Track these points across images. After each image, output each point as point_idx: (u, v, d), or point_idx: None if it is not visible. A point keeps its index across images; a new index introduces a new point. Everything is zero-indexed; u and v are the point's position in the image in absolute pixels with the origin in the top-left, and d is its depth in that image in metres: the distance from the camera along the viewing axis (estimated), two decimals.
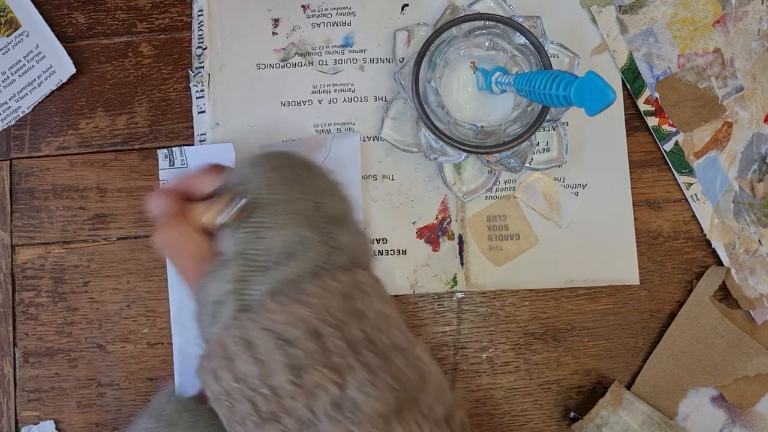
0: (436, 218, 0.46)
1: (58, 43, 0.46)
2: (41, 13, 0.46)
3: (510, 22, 0.41)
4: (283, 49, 0.47)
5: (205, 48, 0.47)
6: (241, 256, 0.32)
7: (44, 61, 0.46)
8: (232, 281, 0.31)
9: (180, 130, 0.47)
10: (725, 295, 0.46)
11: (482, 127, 0.41)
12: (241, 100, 0.46)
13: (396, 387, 0.29)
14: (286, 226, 0.32)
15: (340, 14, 0.47)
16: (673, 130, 0.46)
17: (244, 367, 0.29)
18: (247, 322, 0.30)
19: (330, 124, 0.46)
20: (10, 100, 0.46)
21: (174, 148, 0.45)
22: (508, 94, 0.42)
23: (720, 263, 0.46)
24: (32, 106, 0.47)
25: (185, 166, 0.45)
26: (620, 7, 0.46)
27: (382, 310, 0.32)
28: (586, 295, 0.46)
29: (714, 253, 0.46)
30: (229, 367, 0.30)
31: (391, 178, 0.46)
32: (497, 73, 0.40)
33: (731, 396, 0.45)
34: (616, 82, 0.47)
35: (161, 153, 0.45)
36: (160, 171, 0.45)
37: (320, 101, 0.46)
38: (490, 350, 0.46)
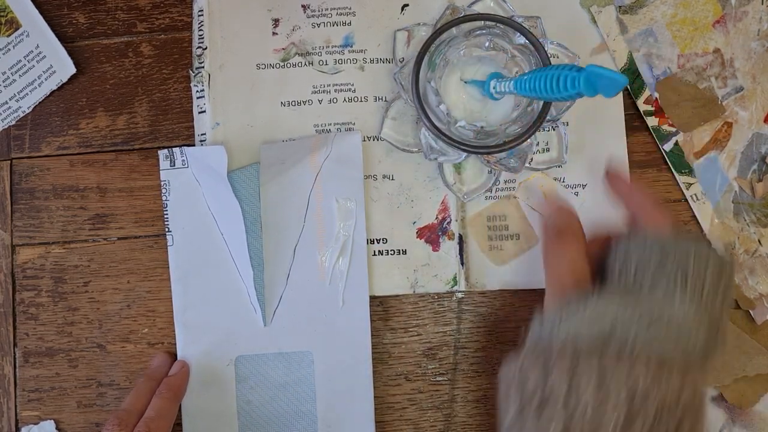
0: (436, 218, 0.46)
1: (59, 43, 0.46)
2: (41, 13, 0.46)
3: (510, 22, 0.41)
4: (283, 49, 0.47)
5: (206, 48, 0.47)
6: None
7: (44, 61, 0.46)
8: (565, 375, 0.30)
9: (180, 130, 0.47)
10: None
11: (482, 127, 0.41)
12: (241, 100, 0.46)
13: None
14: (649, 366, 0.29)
15: (340, 14, 0.47)
16: (673, 130, 0.46)
17: None
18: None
19: (330, 124, 0.46)
20: (10, 100, 0.46)
21: (174, 149, 0.45)
22: (509, 96, 0.42)
23: None
24: (32, 106, 0.47)
25: (186, 166, 0.45)
26: (620, 7, 0.46)
27: None
28: None
29: None
30: None
31: (391, 178, 0.46)
32: (493, 81, 0.40)
33: (731, 396, 0.45)
34: None
35: (162, 153, 0.45)
36: (161, 171, 0.45)
37: (320, 101, 0.46)
38: (490, 350, 0.46)
